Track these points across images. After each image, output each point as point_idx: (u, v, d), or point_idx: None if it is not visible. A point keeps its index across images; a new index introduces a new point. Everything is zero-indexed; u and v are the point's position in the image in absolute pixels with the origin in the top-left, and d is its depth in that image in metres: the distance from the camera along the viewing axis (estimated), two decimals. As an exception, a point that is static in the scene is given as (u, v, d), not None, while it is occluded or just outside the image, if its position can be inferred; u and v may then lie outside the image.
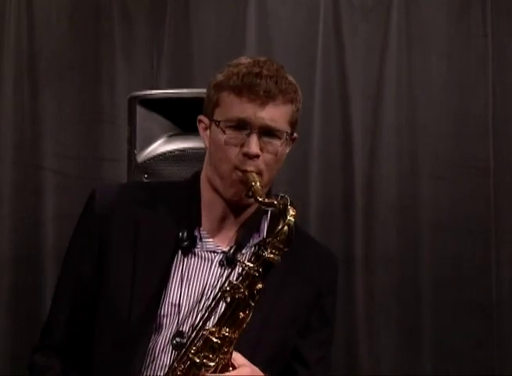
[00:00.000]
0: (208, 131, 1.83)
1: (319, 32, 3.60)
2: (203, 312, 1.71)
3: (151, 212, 1.84)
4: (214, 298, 1.70)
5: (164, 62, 3.61)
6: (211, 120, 1.82)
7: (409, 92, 3.61)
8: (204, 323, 1.69)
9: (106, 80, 3.60)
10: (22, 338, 3.52)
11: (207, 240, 1.82)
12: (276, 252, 1.66)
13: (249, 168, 1.76)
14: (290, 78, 1.82)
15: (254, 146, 1.76)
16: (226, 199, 1.81)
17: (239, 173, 1.77)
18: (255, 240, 1.84)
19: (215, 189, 1.82)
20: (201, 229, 1.83)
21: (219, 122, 1.78)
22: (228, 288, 1.67)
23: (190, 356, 1.67)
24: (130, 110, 2.63)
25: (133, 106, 2.62)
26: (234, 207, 1.82)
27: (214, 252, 1.82)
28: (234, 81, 1.77)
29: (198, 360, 1.66)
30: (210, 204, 1.84)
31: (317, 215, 3.54)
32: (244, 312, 1.67)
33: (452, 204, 3.58)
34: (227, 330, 1.66)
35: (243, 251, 1.81)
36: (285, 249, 1.67)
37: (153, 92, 2.77)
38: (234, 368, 1.68)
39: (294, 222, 1.69)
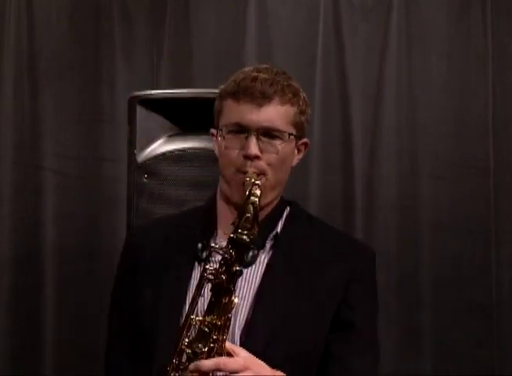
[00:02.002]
0: (216, 141, 1.87)
1: (319, 32, 3.59)
2: (190, 302, 1.72)
3: (176, 236, 1.89)
4: (196, 288, 1.71)
5: (164, 62, 3.61)
6: (217, 129, 1.86)
7: (409, 92, 3.61)
8: (191, 314, 1.70)
9: (106, 80, 3.60)
10: (22, 338, 3.52)
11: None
12: (245, 232, 1.67)
13: (250, 170, 1.78)
14: (291, 81, 1.85)
15: (252, 146, 1.78)
16: (234, 204, 1.83)
17: (241, 175, 1.79)
18: (270, 237, 1.86)
19: (227, 197, 1.85)
20: (217, 237, 1.86)
21: (221, 129, 1.83)
22: (207, 275, 1.68)
23: (183, 348, 1.68)
24: (130, 110, 2.64)
25: (133, 106, 2.63)
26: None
27: None
28: (232, 87, 1.83)
29: (190, 351, 1.67)
30: (224, 214, 1.87)
31: (317, 215, 3.53)
32: (226, 297, 1.67)
33: (452, 204, 3.58)
34: (214, 317, 1.67)
35: (261, 251, 1.83)
36: (254, 228, 1.68)
37: (153, 92, 2.77)
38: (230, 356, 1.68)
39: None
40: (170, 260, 1.85)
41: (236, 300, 1.69)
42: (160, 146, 2.64)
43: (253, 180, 1.76)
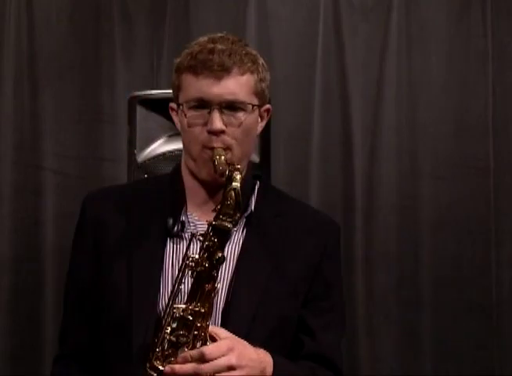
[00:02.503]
0: (178, 116, 1.83)
1: (319, 32, 3.59)
2: (172, 291, 1.70)
3: (138, 208, 1.84)
4: (178, 275, 1.69)
5: (164, 62, 3.61)
6: (177, 104, 1.82)
7: (409, 92, 3.61)
8: (174, 302, 1.68)
9: (106, 80, 3.60)
10: (22, 338, 3.52)
11: (196, 222, 1.81)
12: (227, 218, 1.66)
13: (216, 145, 1.75)
14: (248, 49, 1.81)
15: (216, 122, 1.74)
16: (203, 180, 1.80)
17: (208, 151, 1.76)
18: (245, 215, 1.83)
19: (193, 173, 1.82)
20: (188, 213, 1.82)
21: (182, 105, 1.78)
22: (189, 263, 1.67)
23: (166, 336, 1.66)
24: (130, 110, 2.64)
25: (133, 106, 2.63)
26: (214, 187, 1.80)
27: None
28: (189, 61, 1.77)
29: (174, 339, 1.66)
30: (192, 189, 1.84)
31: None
32: (209, 284, 1.66)
33: (452, 204, 3.58)
34: (198, 304, 1.66)
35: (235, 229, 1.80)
36: (236, 215, 1.67)
37: (153, 92, 2.77)
38: (213, 341, 1.67)
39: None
40: (138, 234, 1.80)
41: (218, 286, 1.68)
42: (160, 146, 2.64)
43: (223, 157, 1.72)
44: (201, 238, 1.68)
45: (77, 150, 3.59)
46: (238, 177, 1.67)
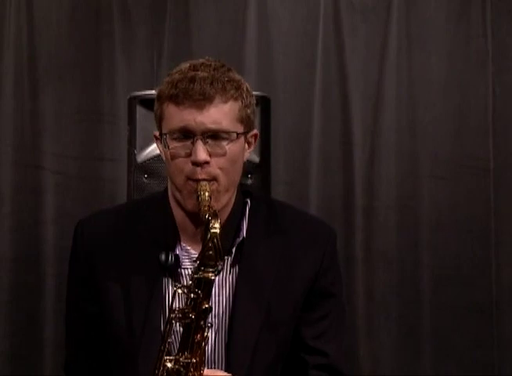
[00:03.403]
0: (161, 146, 1.78)
1: (319, 32, 3.59)
2: (162, 343, 1.66)
3: (132, 239, 1.80)
4: (165, 326, 1.66)
5: (164, 62, 3.60)
6: (160, 134, 1.78)
7: (409, 92, 3.61)
8: (163, 353, 1.65)
9: (106, 80, 3.60)
10: (22, 338, 3.52)
11: (191, 254, 1.78)
12: (209, 269, 1.62)
13: (200, 176, 1.70)
14: (231, 75, 1.75)
15: (200, 153, 1.69)
16: (189, 211, 1.76)
17: (193, 183, 1.71)
18: (237, 242, 1.80)
19: (180, 204, 1.78)
20: (182, 244, 1.80)
21: (165, 135, 1.74)
22: (176, 315, 1.64)
23: None
24: (130, 110, 2.63)
25: (133, 106, 2.62)
26: (199, 217, 1.73)
27: None
28: (169, 89, 1.73)
29: None
30: (182, 220, 1.80)
31: (317, 215, 3.54)
32: (198, 335, 1.64)
33: (452, 204, 3.58)
34: (188, 355, 1.64)
35: (225, 257, 1.77)
36: (218, 262, 1.63)
37: (153, 92, 2.75)
38: None
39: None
40: (134, 268, 1.77)
41: (208, 334, 1.66)
42: (160, 146, 2.64)
43: (207, 193, 1.67)
44: (185, 290, 1.64)
45: (77, 150, 3.59)
46: (216, 225, 1.61)
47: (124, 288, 1.76)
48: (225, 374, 1.68)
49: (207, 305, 1.63)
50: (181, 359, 1.64)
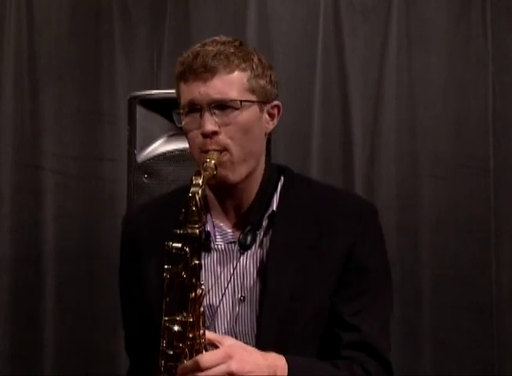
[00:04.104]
0: None
1: (319, 32, 3.59)
2: (163, 304, 1.67)
3: (169, 222, 1.78)
4: (162, 288, 1.67)
5: (164, 62, 3.61)
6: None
7: (409, 92, 3.61)
8: (164, 315, 1.66)
9: (106, 80, 3.60)
10: (22, 338, 3.52)
11: (223, 230, 1.81)
12: (193, 225, 1.62)
13: (210, 147, 1.73)
14: (241, 47, 1.78)
15: (207, 123, 1.72)
16: (210, 186, 1.78)
17: (205, 155, 1.74)
18: (267, 215, 1.81)
19: None
20: (215, 222, 1.82)
21: (181, 113, 1.78)
22: (168, 276, 1.64)
23: (164, 350, 1.65)
24: (130, 110, 2.64)
25: (133, 106, 2.63)
26: (226, 191, 1.79)
27: (232, 243, 1.80)
28: (178, 68, 1.78)
29: (171, 352, 1.64)
30: (211, 197, 1.83)
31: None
32: (192, 293, 1.64)
33: (452, 204, 3.58)
34: (184, 315, 1.64)
35: (258, 231, 1.79)
36: (202, 218, 1.63)
37: (153, 92, 2.77)
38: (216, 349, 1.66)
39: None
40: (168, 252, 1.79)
41: (201, 291, 1.65)
42: (160, 146, 2.65)
43: (213, 162, 1.69)
44: (174, 250, 1.64)
45: (77, 150, 3.59)
46: (199, 181, 1.63)
47: (159, 274, 1.74)
48: (232, 340, 1.67)
49: (196, 262, 1.63)
50: (177, 318, 1.64)
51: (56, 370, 3.53)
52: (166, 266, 1.65)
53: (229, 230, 1.81)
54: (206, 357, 1.61)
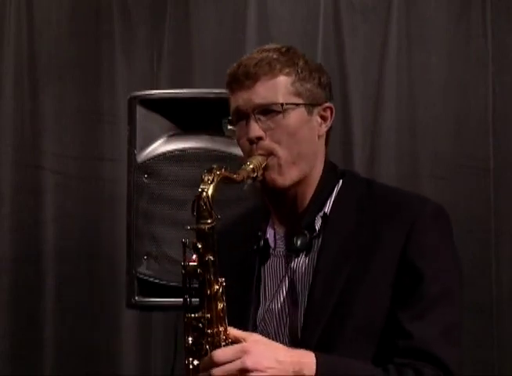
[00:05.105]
0: None
1: (319, 32, 3.59)
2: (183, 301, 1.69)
3: (242, 230, 1.89)
4: (183, 284, 1.68)
5: (164, 62, 3.61)
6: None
7: (409, 92, 3.60)
8: (186, 312, 1.67)
9: (106, 80, 3.60)
10: (22, 338, 3.52)
11: (279, 236, 1.84)
12: (204, 221, 1.64)
13: (256, 153, 1.76)
14: (284, 53, 1.81)
15: (251, 129, 1.76)
16: (265, 192, 1.81)
17: None
18: (319, 218, 1.81)
19: None
20: (274, 228, 1.85)
21: (228, 122, 1.83)
22: (185, 272, 1.66)
23: (188, 346, 1.66)
24: (130, 110, 2.64)
25: (133, 106, 2.63)
26: (279, 196, 1.81)
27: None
28: (226, 79, 1.82)
29: (194, 348, 1.65)
30: (269, 203, 1.86)
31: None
32: (209, 289, 1.65)
33: (452, 204, 3.57)
34: (203, 311, 1.64)
35: (310, 235, 1.80)
36: (213, 214, 1.64)
37: (153, 92, 2.77)
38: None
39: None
40: (237, 257, 1.85)
41: (219, 288, 1.65)
42: (160, 146, 2.65)
43: (251, 166, 1.71)
44: (183, 243, 1.67)
45: (77, 150, 3.59)
46: (209, 177, 1.65)
47: (228, 278, 1.73)
48: (256, 336, 1.66)
49: (210, 257, 1.64)
50: (197, 315, 1.65)
51: (56, 370, 3.53)
52: (182, 263, 1.67)
53: (282, 234, 1.84)
54: (220, 352, 1.60)
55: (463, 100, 3.60)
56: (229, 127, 1.82)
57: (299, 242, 1.79)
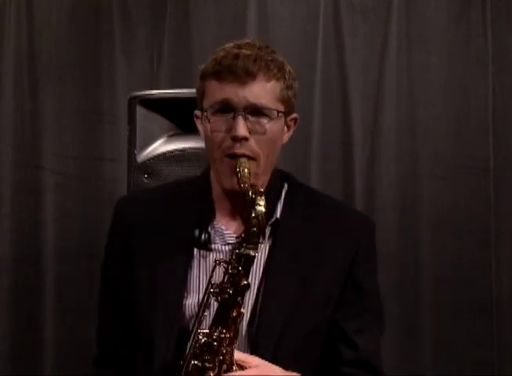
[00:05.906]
0: (202, 123, 1.79)
1: (319, 32, 3.59)
2: (196, 315, 1.68)
3: (168, 216, 1.81)
4: (202, 301, 1.68)
5: (164, 62, 3.61)
6: (201, 110, 1.78)
7: (409, 92, 3.61)
8: (199, 326, 1.67)
9: (106, 80, 3.60)
10: (22, 338, 3.52)
11: (224, 233, 1.79)
12: (251, 246, 1.63)
13: (238, 152, 1.71)
14: (275, 55, 1.77)
15: (240, 128, 1.70)
16: (226, 190, 1.76)
17: (231, 161, 1.71)
18: (270, 223, 1.79)
19: (219, 182, 1.78)
20: (215, 223, 1.79)
21: (206, 111, 1.75)
22: (214, 290, 1.65)
23: (191, 359, 1.65)
24: (130, 110, 2.64)
25: (133, 106, 2.63)
26: (237, 197, 1.74)
27: (230, 244, 1.78)
28: (213, 66, 1.75)
29: (200, 364, 1.65)
30: (220, 197, 1.80)
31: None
32: (234, 310, 1.64)
33: (452, 204, 3.58)
34: (222, 330, 1.64)
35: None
36: (260, 240, 1.64)
37: (153, 92, 2.77)
38: (241, 368, 1.66)
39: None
40: (166, 245, 1.78)
41: (243, 311, 1.66)
42: (160, 146, 2.65)
43: (246, 170, 1.68)
44: (225, 265, 1.65)
45: (77, 150, 3.59)
46: (262, 203, 1.62)
47: (154, 264, 1.76)
48: (259, 360, 1.67)
49: (245, 282, 1.63)
50: (214, 333, 1.64)
51: (56, 370, 3.53)
52: (213, 280, 1.65)
53: (228, 232, 1.79)
54: None
55: (463, 100, 3.60)
56: (212, 117, 1.73)
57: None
